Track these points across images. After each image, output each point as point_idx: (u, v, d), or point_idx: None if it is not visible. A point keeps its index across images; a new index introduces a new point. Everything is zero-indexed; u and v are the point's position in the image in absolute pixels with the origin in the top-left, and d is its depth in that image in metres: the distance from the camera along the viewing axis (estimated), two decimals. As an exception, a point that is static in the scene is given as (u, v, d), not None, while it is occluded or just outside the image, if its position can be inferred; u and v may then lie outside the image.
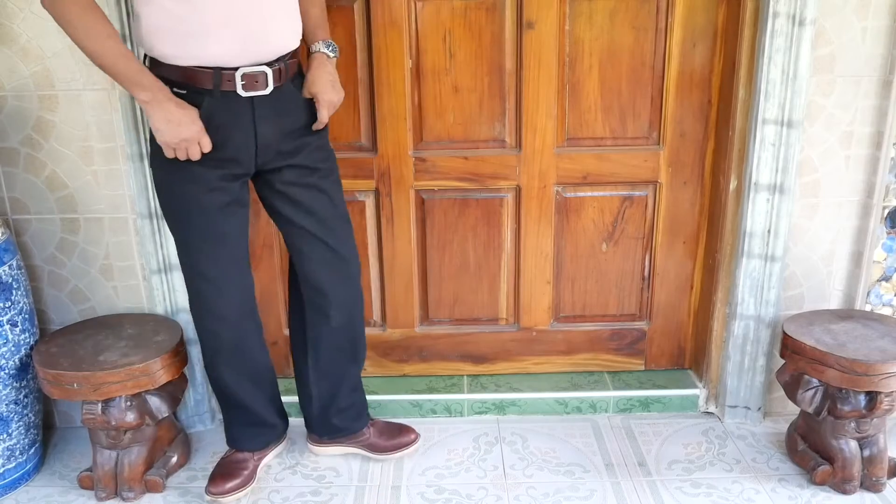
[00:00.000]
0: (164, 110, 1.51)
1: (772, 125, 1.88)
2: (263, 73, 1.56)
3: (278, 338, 2.26)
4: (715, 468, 1.97)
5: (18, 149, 1.91)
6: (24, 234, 1.98)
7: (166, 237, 1.94)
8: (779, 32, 1.80)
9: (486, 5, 1.95)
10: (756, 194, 1.93)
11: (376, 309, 2.24)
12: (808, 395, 1.86)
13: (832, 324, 1.92)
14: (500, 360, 2.29)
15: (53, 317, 2.05)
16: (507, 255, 2.19)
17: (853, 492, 1.86)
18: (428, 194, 2.12)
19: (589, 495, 1.87)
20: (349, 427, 1.99)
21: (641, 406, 2.20)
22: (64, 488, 1.93)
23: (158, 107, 1.51)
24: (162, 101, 1.51)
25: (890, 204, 1.97)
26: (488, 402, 2.20)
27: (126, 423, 1.79)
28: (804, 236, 2.00)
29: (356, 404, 1.98)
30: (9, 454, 1.88)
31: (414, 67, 2.00)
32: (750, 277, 2.01)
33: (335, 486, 1.92)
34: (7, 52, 1.83)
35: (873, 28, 1.83)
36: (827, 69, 1.86)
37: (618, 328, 2.27)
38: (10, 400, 1.84)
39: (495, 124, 2.06)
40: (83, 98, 1.86)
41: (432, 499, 1.87)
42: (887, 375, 1.74)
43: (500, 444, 2.07)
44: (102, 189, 1.94)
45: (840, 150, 1.93)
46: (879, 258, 2.02)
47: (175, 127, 1.51)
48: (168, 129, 1.52)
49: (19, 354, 1.85)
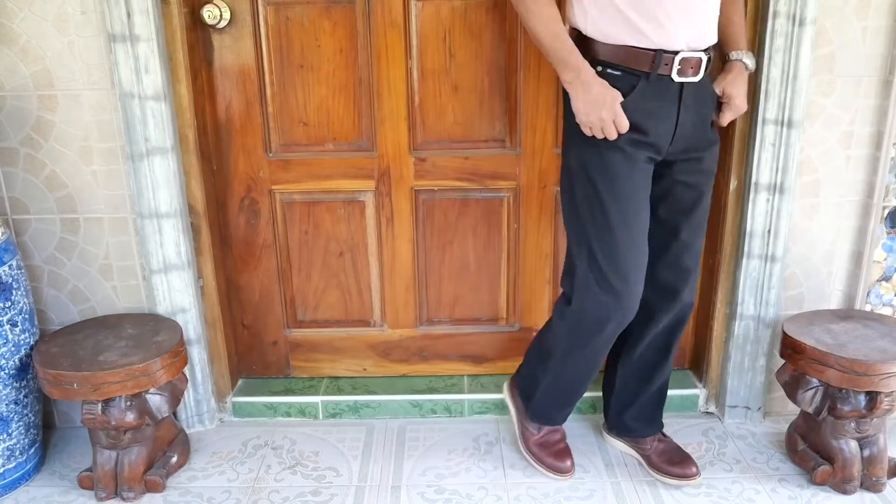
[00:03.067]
0: (586, 90, 1.56)
1: (772, 125, 1.88)
2: (699, 58, 1.57)
3: (278, 338, 2.26)
4: (715, 468, 1.97)
5: (18, 149, 1.91)
6: (24, 234, 1.98)
7: (166, 237, 1.95)
8: (779, 32, 1.80)
9: (486, 5, 1.95)
10: (756, 194, 1.93)
11: (376, 309, 2.24)
12: (808, 395, 1.86)
13: (832, 324, 1.92)
14: (500, 360, 2.29)
15: (53, 317, 2.05)
16: (506, 255, 2.19)
17: (853, 492, 1.86)
18: (428, 194, 2.12)
19: (589, 495, 1.87)
20: (638, 430, 1.97)
21: (641, 406, 2.20)
22: (64, 488, 1.93)
23: (581, 86, 1.57)
24: (585, 80, 1.56)
25: (890, 204, 1.97)
26: (488, 402, 2.20)
27: (126, 423, 1.79)
28: (804, 236, 2.00)
29: (651, 411, 1.97)
30: (9, 454, 1.88)
31: (414, 67, 2.00)
32: (750, 277, 2.01)
33: (335, 486, 1.92)
34: (7, 52, 1.83)
35: (873, 28, 1.83)
36: (827, 69, 1.86)
37: (618, 328, 2.27)
38: (10, 400, 1.84)
39: (495, 124, 2.06)
40: (83, 98, 1.86)
41: (432, 499, 1.87)
42: (887, 375, 1.74)
43: (500, 444, 2.07)
44: (102, 189, 1.94)
45: (840, 150, 1.93)
46: (879, 258, 2.02)
47: (593, 106, 1.56)
48: (586, 108, 1.57)
49: (19, 354, 1.85)
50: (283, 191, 2.11)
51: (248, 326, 2.25)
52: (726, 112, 1.70)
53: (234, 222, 2.14)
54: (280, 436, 2.12)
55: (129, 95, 1.83)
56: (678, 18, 1.53)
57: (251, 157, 2.07)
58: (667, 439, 1.97)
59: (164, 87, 1.84)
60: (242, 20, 1.94)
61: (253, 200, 2.11)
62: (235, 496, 1.88)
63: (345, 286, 2.21)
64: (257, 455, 2.04)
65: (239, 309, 2.23)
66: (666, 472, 1.89)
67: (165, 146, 1.88)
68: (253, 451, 2.06)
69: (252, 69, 1.99)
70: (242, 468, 1.98)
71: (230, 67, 1.99)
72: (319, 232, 2.15)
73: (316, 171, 2.09)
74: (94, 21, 1.80)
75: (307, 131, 2.05)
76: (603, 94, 1.55)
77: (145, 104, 1.83)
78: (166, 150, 1.88)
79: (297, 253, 2.17)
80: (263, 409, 2.21)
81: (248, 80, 2.00)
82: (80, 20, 1.80)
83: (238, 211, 2.13)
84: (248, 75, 1.99)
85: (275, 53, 1.98)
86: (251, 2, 1.93)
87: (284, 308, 2.23)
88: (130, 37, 1.78)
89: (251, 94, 2.01)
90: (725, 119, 1.71)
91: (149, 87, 1.82)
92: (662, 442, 1.96)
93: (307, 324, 2.26)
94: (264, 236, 2.15)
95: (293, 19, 1.95)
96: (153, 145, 1.87)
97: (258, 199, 2.11)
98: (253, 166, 2.08)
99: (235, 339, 2.26)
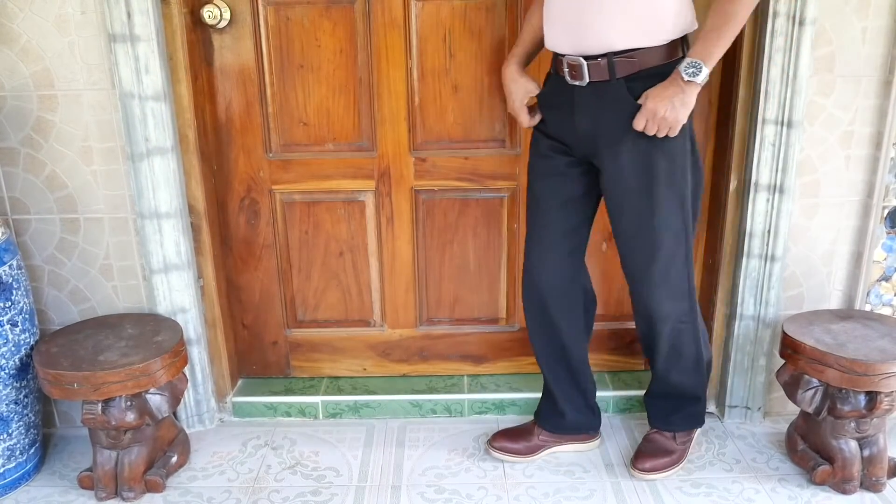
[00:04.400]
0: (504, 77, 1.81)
1: (772, 125, 1.88)
2: (580, 64, 1.61)
3: (278, 338, 2.26)
4: (715, 468, 1.97)
5: (18, 149, 1.91)
6: (24, 234, 1.98)
7: (166, 237, 1.95)
8: (779, 32, 1.80)
9: (486, 5, 1.95)
10: (756, 194, 1.93)
11: (376, 309, 2.24)
12: (807, 395, 1.86)
13: (832, 324, 1.92)
14: (500, 360, 2.29)
15: (53, 317, 2.05)
16: (507, 255, 2.19)
17: (853, 492, 1.86)
18: (428, 194, 2.12)
19: (589, 495, 1.87)
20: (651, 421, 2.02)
21: (641, 406, 2.19)
22: (64, 488, 1.93)
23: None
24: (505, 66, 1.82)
25: (890, 204, 1.97)
26: (488, 402, 2.20)
27: (126, 423, 1.79)
28: (804, 236, 2.01)
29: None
30: (9, 454, 1.88)
31: (414, 67, 2.00)
32: (750, 277, 2.01)
33: (335, 486, 1.92)
34: (7, 52, 1.83)
35: (873, 28, 1.83)
36: (827, 69, 1.86)
37: (618, 328, 2.27)
38: (10, 400, 1.84)
39: (495, 124, 2.06)
40: (83, 98, 1.86)
41: (432, 499, 1.87)
42: (887, 375, 1.74)
43: (500, 443, 2.07)
44: (102, 189, 1.94)
45: (840, 150, 1.93)
46: (879, 258, 2.02)
47: (507, 95, 1.82)
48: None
49: (19, 354, 1.85)
50: (283, 191, 2.11)
51: (248, 326, 2.26)
52: (639, 115, 1.60)
53: (235, 222, 2.14)
54: (280, 436, 2.12)
55: (129, 95, 1.83)
56: (559, 25, 1.63)
57: (251, 157, 2.07)
58: (656, 435, 2.00)
59: (164, 87, 1.84)
60: (242, 20, 1.94)
61: (253, 200, 2.11)
62: (235, 496, 1.88)
63: (345, 286, 2.21)
64: (257, 455, 2.04)
65: (239, 309, 2.23)
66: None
67: (165, 146, 1.88)
68: (253, 451, 2.06)
69: (252, 69, 1.99)
70: (242, 468, 1.98)
71: (230, 67, 1.99)
72: (319, 232, 2.15)
73: (316, 171, 2.09)
74: (94, 21, 1.80)
75: (307, 131, 2.05)
76: (507, 87, 1.81)
77: (145, 104, 1.83)
78: (166, 150, 1.88)
79: (298, 253, 2.17)
80: (263, 409, 2.21)
81: (248, 80, 2.00)
82: (80, 20, 1.80)
83: (238, 211, 2.13)
84: (248, 75, 1.99)
85: (275, 53, 1.98)
86: (251, 2, 1.93)
87: (284, 308, 2.23)
88: (130, 37, 1.78)
89: (251, 94, 2.01)
90: (636, 122, 1.60)
91: (149, 87, 1.82)
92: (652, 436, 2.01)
93: (307, 324, 2.26)
94: (264, 236, 2.15)
95: (293, 19, 1.95)
96: (153, 145, 1.87)
97: (258, 199, 2.11)
98: (253, 166, 2.08)
99: (235, 339, 2.26)
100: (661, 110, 1.57)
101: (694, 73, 1.55)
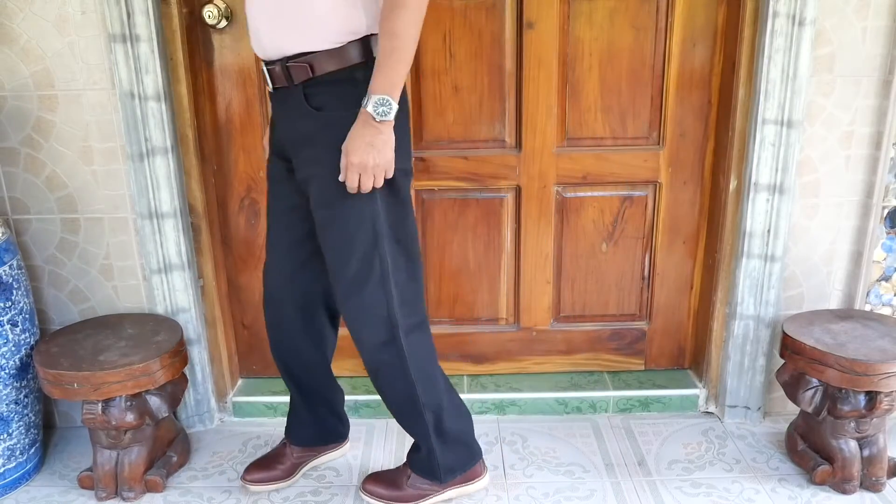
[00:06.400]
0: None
1: (772, 125, 1.88)
2: (265, 70, 1.58)
3: (278, 338, 2.26)
4: (715, 468, 1.97)
5: (18, 149, 1.91)
6: (25, 234, 1.98)
7: (167, 237, 1.95)
8: (779, 32, 1.80)
9: (486, 5, 1.95)
10: (756, 194, 1.94)
11: (376, 309, 2.24)
12: (807, 395, 1.86)
13: (832, 324, 1.93)
14: (500, 360, 2.29)
15: (53, 317, 2.06)
16: (507, 255, 2.19)
17: (853, 492, 1.86)
18: (428, 194, 2.12)
19: (589, 495, 1.87)
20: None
21: (641, 406, 2.20)
22: (64, 488, 1.93)
23: None
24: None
25: (890, 204, 1.97)
26: (488, 402, 2.20)
27: (126, 423, 1.80)
28: (804, 236, 2.01)
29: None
30: (9, 454, 1.88)
31: (414, 67, 2.00)
32: (750, 277, 2.01)
33: (335, 486, 1.92)
34: (7, 52, 1.83)
35: (873, 28, 1.83)
36: (827, 69, 1.86)
37: (618, 328, 2.27)
38: (10, 400, 1.84)
39: (495, 124, 2.06)
40: (83, 98, 1.86)
41: (432, 499, 1.87)
42: (887, 375, 1.74)
43: (500, 444, 2.07)
44: (102, 189, 1.94)
45: (840, 150, 1.93)
46: (879, 258, 2.02)
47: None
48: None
49: (19, 354, 1.85)
50: (283, 191, 2.11)
51: (248, 326, 2.25)
52: (346, 172, 1.48)
53: (234, 222, 2.14)
54: (280, 436, 2.12)
55: (129, 95, 1.83)
56: (251, 30, 1.56)
57: (251, 157, 2.07)
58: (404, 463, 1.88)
59: (164, 87, 1.84)
60: (242, 20, 1.94)
61: (253, 200, 2.11)
62: (235, 496, 1.89)
63: (345, 286, 2.21)
64: (257, 455, 2.04)
65: (239, 309, 2.23)
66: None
67: (165, 146, 1.88)
68: (253, 451, 2.06)
69: (252, 69, 1.99)
70: (242, 468, 1.98)
71: (230, 67, 1.99)
72: (319, 232, 2.15)
73: (316, 171, 2.09)
74: (94, 21, 1.80)
75: (307, 131, 2.05)
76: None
77: (145, 104, 1.84)
78: (166, 150, 1.89)
79: (297, 253, 2.17)
80: (263, 409, 2.21)
81: (248, 80, 2.00)
82: (80, 20, 1.80)
83: (238, 211, 2.13)
84: (248, 75, 1.99)
85: (275, 53, 1.98)
86: (251, 2, 1.93)
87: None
88: (130, 37, 1.78)
89: (251, 94, 2.01)
90: (348, 181, 1.48)
91: (149, 87, 1.83)
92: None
93: (307, 324, 2.26)
94: (264, 236, 2.14)
95: (293, 19, 1.95)
96: (153, 145, 1.87)
97: (258, 199, 2.11)
98: (253, 166, 2.08)
99: (235, 339, 2.26)
100: (369, 160, 1.45)
101: (385, 112, 1.43)
